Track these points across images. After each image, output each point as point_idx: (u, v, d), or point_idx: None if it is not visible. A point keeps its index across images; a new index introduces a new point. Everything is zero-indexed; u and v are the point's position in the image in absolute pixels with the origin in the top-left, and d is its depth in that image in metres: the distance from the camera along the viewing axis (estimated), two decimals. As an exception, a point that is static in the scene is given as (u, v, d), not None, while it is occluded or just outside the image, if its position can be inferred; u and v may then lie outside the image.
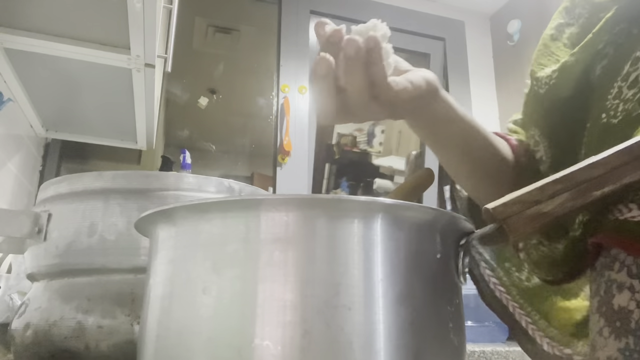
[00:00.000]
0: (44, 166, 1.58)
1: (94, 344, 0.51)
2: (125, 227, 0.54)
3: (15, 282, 0.92)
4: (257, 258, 0.29)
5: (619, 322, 0.41)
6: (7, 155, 1.22)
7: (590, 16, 0.52)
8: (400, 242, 0.30)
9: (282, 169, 1.81)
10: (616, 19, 0.46)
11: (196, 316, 0.29)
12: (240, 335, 0.28)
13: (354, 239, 0.29)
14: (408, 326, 0.29)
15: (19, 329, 0.55)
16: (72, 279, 0.56)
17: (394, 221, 0.31)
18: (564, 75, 0.49)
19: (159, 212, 0.32)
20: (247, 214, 0.30)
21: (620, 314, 0.41)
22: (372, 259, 0.29)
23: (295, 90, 1.94)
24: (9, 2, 0.86)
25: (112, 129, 1.43)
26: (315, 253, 0.29)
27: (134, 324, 0.52)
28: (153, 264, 0.34)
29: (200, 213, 0.31)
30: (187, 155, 1.61)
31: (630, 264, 0.40)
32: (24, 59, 1.01)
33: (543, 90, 0.52)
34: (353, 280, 0.28)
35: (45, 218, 0.57)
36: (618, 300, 0.41)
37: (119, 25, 0.89)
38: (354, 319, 0.28)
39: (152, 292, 0.33)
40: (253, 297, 0.28)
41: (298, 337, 0.27)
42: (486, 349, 1.10)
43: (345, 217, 0.29)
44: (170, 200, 0.56)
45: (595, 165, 0.34)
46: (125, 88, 1.12)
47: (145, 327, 0.32)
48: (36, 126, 1.36)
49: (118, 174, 0.57)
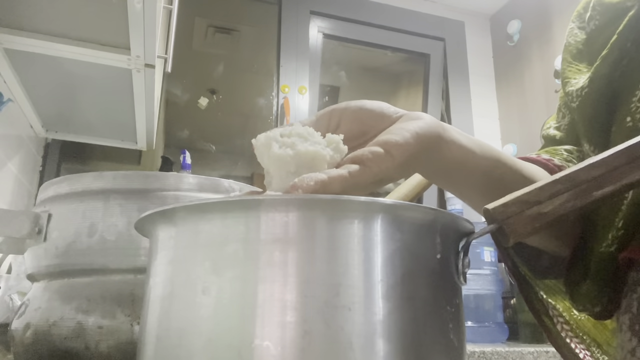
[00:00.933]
0: (44, 166, 1.58)
1: (94, 344, 0.51)
2: (125, 227, 0.54)
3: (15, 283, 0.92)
4: (257, 258, 0.29)
5: (638, 325, 0.40)
6: (7, 155, 1.22)
7: (604, 19, 0.51)
8: (400, 243, 0.30)
9: (282, 170, 1.81)
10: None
11: (196, 317, 0.29)
12: (240, 336, 0.28)
13: (354, 239, 0.29)
14: (408, 327, 0.29)
15: (19, 330, 0.55)
16: (72, 279, 0.56)
17: (394, 221, 0.30)
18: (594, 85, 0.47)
19: (159, 212, 0.32)
20: (247, 214, 0.30)
21: None
22: (372, 260, 0.29)
23: (295, 91, 1.94)
24: (9, 3, 0.86)
25: (112, 129, 1.43)
26: (315, 253, 0.29)
27: (134, 324, 0.52)
28: (153, 265, 0.34)
29: (200, 213, 0.31)
30: (187, 155, 1.61)
31: None
32: (24, 60, 1.01)
33: (575, 103, 0.49)
34: (353, 280, 0.28)
35: (45, 218, 0.57)
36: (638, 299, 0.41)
37: (119, 25, 0.89)
38: (354, 319, 0.28)
39: (152, 292, 0.33)
40: (253, 297, 0.28)
41: (298, 338, 0.27)
42: (486, 350, 1.10)
43: (346, 218, 0.29)
44: (170, 200, 0.56)
45: (595, 166, 0.34)
46: (125, 88, 1.12)
47: (145, 327, 0.32)
48: (36, 126, 1.36)
49: (118, 174, 0.57)
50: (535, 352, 1.13)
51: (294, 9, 2.03)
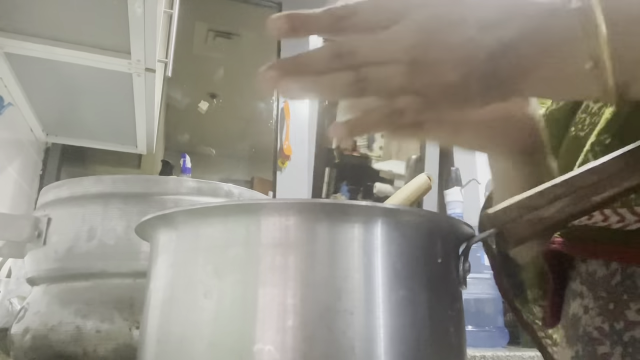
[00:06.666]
0: (44, 170, 1.58)
1: (92, 348, 0.51)
2: (124, 231, 0.54)
3: (14, 287, 0.91)
4: (258, 262, 0.29)
5: (571, 330, 0.41)
6: (7, 159, 1.22)
7: None
8: (401, 247, 0.30)
9: (282, 173, 1.81)
10: None
11: (197, 321, 0.29)
12: (242, 340, 0.27)
13: (355, 244, 0.29)
14: (409, 331, 0.29)
15: (18, 334, 0.55)
16: (71, 283, 0.56)
17: (395, 226, 0.30)
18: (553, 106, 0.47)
19: (160, 216, 0.32)
20: (248, 218, 0.30)
21: (573, 321, 0.41)
22: (373, 264, 0.29)
23: (295, 95, 1.94)
24: (10, 7, 0.86)
25: (112, 133, 1.43)
26: (316, 257, 0.29)
27: (133, 328, 0.52)
28: (153, 268, 0.34)
29: (201, 217, 0.31)
30: (187, 159, 1.61)
31: (583, 271, 0.40)
32: (24, 64, 1.01)
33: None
34: (355, 284, 0.28)
35: (44, 222, 0.57)
36: (572, 309, 0.41)
37: (120, 30, 0.89)
38: (355, 323, 0.28)
39: (152, 296, 0.33)
40: (254, 301, 0.28)
41: (300, 342, 0.27)
42: (487, 354, 1.09)
43: (347, 222, 0.29)
44: (170, 204, 0.56)
45: (594, 171, 0.34)
46: (125, 92, 1.12)
47: (145, 331, 0.32)
48: (36, 130, 1.36)
49: (118, 178, 0.57)
50: (536, 356, 1.13)
51: (294, 14, 2.04)
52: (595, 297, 0.39)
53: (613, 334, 0.37)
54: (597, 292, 0.38)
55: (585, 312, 0.39)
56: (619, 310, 0.36)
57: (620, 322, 0.36)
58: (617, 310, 0.37)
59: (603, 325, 0.37)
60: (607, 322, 0.37)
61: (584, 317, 0.39)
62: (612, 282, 0.38)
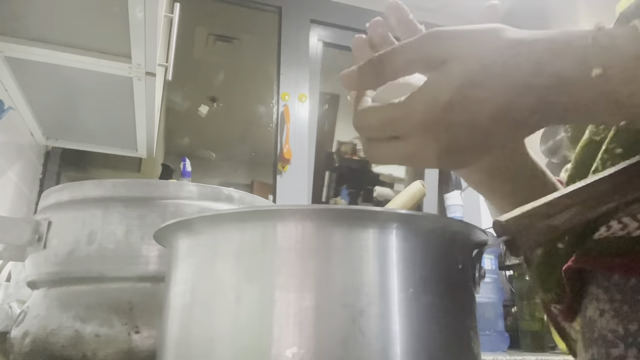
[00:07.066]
0: (44, 174, 1.58)
1: (91, 352, 0.51)
2: (124, 235, 0.54)
3: (14, 291, 0.91)
4: (278, 268, 0.29)
5: (588, 334, 0.41)
6: (7, 163, 1.22)
7: None
8: (424, 253, 0.31)
9: (282, 177, 1.81)
10: None
11: (219, 326, 0.29)
12: (261, 345, 0.28)
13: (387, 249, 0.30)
14: (433, 336, 0.30)
15: (18, 337, 0.55)
16: (71, 287, 0.56)
17: (415, 232, 0.31)
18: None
19: (179, 222, 0.33)
20: (265, 224, 0.30)
21: (589, 325, 0.41)
22: (387, 269, 0.30)
23: (295, 99, 1.94)
24: (10, 11, 0.86)
25: (112, 137, 1.43)
26: (338, 263, 0.29)
27: (132, 333, 0.52)
28: (173, 274, 0.34)
29: (221, 223, 0.31)
30: (187, 163, 1.61)
31: (599, 275, 0.41)
32: (25, 68, 1.01)
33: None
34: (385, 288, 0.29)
35: (45, 226, 0.57)
36: (589, 312, 0.42)
37: (120, 33, 0.90)
38: (388, 327, 0.28)
39: (172, 302, 0.33)
40: (270, 307, 0.28)
41: (335, 345, 0.27)
42: (487, 359, 1.09)
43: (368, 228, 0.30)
44: (170, 208, 0.56)
45: (602, 181, 0.35)
46: (126, 96, 1.12)
47: (165, 337, 0.32)
48: (37, 134, 1.36)
49: (118, 182, 0.57)
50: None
51: (294, 18, 2.04)
52: (611, 300, 0.39)
53: (628, 336, 0.37)
54: (613, 295, 0.39)
55: (601, 315, 0.39)
56: (633, 313, 0.37)
57: (634, 324, 0.36)
58: (632, 313, 0.37)
59: (617, 328, 0.38)
60: (621, 324, 0.37)
61: (599, 321, 0.40)
62: (627, 284, 0.38)
